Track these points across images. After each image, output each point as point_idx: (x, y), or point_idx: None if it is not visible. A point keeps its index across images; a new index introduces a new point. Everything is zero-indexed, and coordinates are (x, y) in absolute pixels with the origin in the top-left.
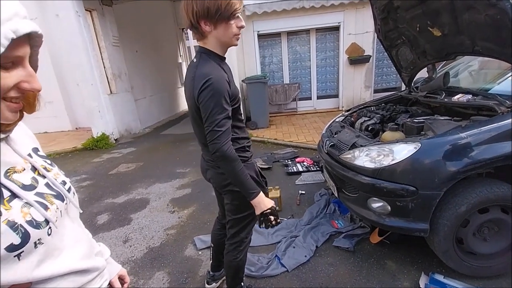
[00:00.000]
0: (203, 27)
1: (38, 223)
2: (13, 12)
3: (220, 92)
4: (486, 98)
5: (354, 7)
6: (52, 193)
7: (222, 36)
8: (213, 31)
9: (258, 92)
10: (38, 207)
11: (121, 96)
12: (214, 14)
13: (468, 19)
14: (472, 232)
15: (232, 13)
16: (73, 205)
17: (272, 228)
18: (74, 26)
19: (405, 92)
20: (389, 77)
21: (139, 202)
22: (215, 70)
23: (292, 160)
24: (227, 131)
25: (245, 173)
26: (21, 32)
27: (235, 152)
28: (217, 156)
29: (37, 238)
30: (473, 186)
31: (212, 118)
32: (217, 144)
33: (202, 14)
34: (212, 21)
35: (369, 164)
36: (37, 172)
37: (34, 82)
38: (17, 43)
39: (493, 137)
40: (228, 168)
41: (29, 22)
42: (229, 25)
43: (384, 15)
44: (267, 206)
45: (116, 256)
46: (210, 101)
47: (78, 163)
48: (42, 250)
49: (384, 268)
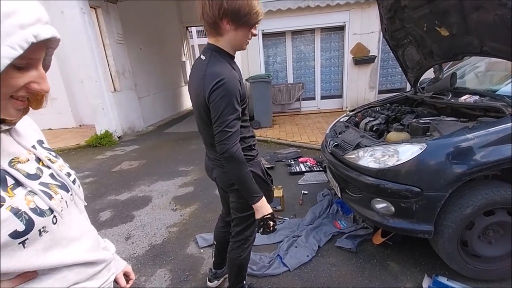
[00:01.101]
0: (224, 25)
1: (42, 211)
2: (36, 18)
3: (232, 92)
4: (494, 99)
5: (360, 6)
6: (57, 183)
7: (237, 39)
8: (231, 32)
9: (262, 92)
10: (42, 195)
11: (125, 93)
12: (243, 16)
13: (477, 19)
14: (477, 234)
15: (257, 21)
16: (78, 197)
17: (267, 234)
18: (79, 23)
19: (411, 92)
20: (394, 78)
21: (141, 199)
22: (227, 69)
23: (295, 160)
24: (237, 132)
25: (250, 176)
26: (41, 37)
27: (243, 154)
28: (225, 157)
29: (41, 226)
30: (479, 188)
31: (222, 118)
32: (226, 145)
33: (231, 13)
34: (236, 23)
35: (374, 165)
36: (41, 163)
37: (43, 84)
38: (35, 47)
39: (500, 138)
40: (235, 170)
41: (50, 28)
42: (249, 31)
43: (391, 14)
44: (268, 211)
45: (118, 252)
46: (221, 101)
47: (81, 160)
48: (47, 238)
49: (387, 270)
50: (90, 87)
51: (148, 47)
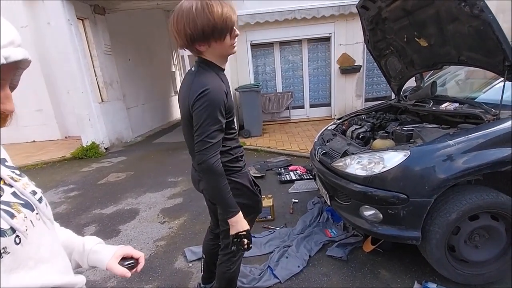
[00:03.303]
0: (198, 47)
1: (2, 230)
2: (9, 40)
3: (216, 103)
4: (473, 106)
5: (344, 18)
6: (20, 202)
7: (219, 50)
8: (208, 49)
9: (251, 101)
10: (3, 214)
11: (113, 104)
12: (211, 34)
13: (453, 30)
14: (463, 239)
15: (229, 28)
16: (45, 216)
17: (241, 251)
18: (66, 34)
19: (395, 100)
20: (379, 86)
21: (128, 212)
22: (214, 80)
23: (285, 169)
24: (217, 144)
25: (227, 190)
26: (12, 59)
27: (221, 167)
28: (202, 167)
29: (1, 247)
30: (462, 193)
31: (203, 128)
32: (204, 156)
33: (197, 36)
34: (207, 41)
35: (361, 172)
36: (2, 181)
37: (8, 104)
38: (5, 68)
39: (480, 144)
40: (211, 182)
41: (22, 50)
42: (226, 39)
43: (372, 26)
44: (244, 228)
45: (102, 269)
46: (204, 110)
47: (66, 172)
48: (8, 260)
49: (378, 278)
50: (76, 98)
51: (137, 57)
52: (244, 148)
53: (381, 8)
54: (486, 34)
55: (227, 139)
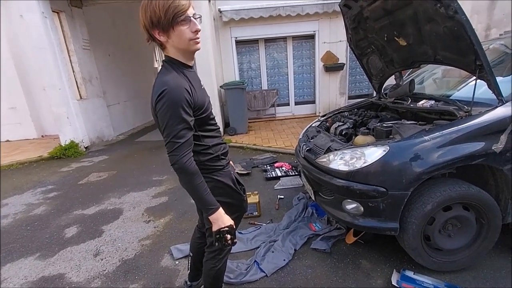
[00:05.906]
0: (157, 37)
1: None
2: None
3: (176, 101)
4: (447, 103)
5: (328, 16)
6: None
7: (178, 43)
8: (168, 40)
9: (237, 98)
10: None
11: (92, 101)
12: (158, 23)
13: (430, 30)
14: (438, 229)
15: (174, 17)
16: None
17: (226, 247)
18: (40, 28)
19: (376, 98)
20: (362, 84)
21: (111, 212)
22: (174, 78)
23: (271, 165)
24: (187, 143)
25: (204, 187)
26: None
27: (195, 165)
28: (175, 168)
29: None
30: (437, 186)
31: (169, 129)
32: (175, 156)
33: (152, 23)
34: (162, 29)
35: (343, 167)
36: None
37: None
38: None
39: (453, 139)
40: (186, 182)
41: None
42: (179, 31)
43: (354, 25)
44: (225, 223)
45: (86, 270)
46: (165, 111)
47: (44, 173)
48: None
49: (359, 268)
50: (53, 95)
51: (118, 53)
52: (230, 145)
53: (362, 7)
54: (460, 35)
55: (205, 137)
